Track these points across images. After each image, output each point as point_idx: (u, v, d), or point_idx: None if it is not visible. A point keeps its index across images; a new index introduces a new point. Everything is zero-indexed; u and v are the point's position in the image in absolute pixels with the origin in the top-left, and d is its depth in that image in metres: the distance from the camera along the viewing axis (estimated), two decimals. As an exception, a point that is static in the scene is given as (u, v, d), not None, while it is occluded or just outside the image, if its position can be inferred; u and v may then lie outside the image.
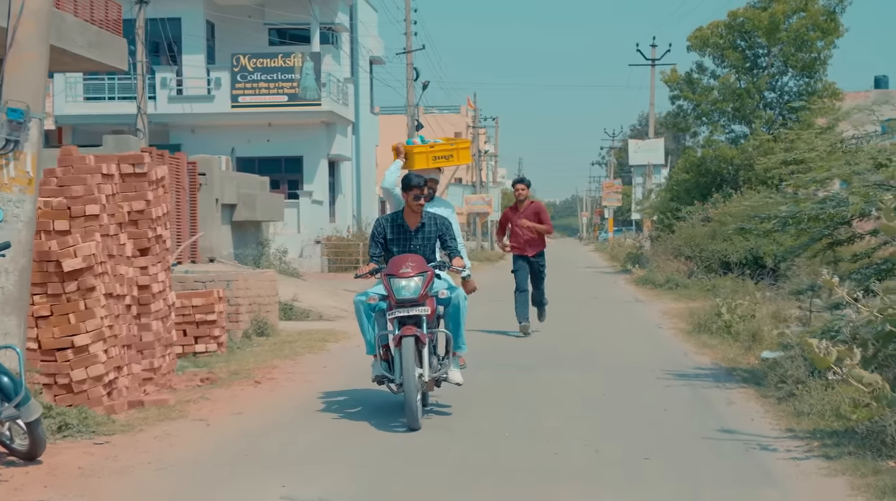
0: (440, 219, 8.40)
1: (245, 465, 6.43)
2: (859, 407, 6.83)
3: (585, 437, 7.32)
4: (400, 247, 8.26)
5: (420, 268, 7.84)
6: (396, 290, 7.74)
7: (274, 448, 6.93)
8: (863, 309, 6.61)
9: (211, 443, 7.10)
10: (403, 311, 7.70)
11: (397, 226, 8.31)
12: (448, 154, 9.19)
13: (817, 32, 30.25)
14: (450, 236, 8.39)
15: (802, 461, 6.45)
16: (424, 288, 7.78)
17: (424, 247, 8.30)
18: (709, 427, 7.59)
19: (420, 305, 7.73)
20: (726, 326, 13.49)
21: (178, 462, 6.50)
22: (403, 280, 7.75)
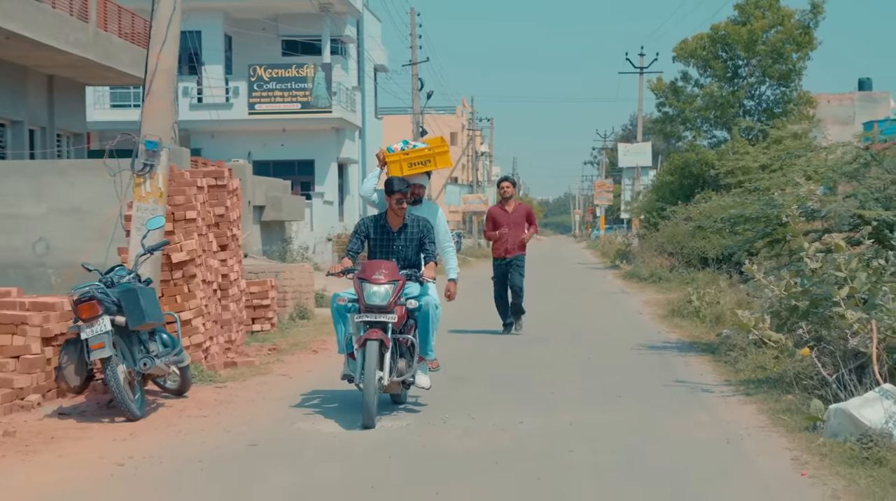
0: (423, 221, 8.63)
1: (325, 403, 8.99)
2: (777, 362, 9.45)
3: (575, 384, 9.91)
4: (382, 247, 8.52)
5: (392, 276, 8.02)
6: (367, 295, 7.93)
7: (343, 389, 9.51)
8: (774, 289, 9.23)
9: (296, 389, 9.66)
10: (371, 316, 7.89)
11: (380, 226, 8.54)
12: (425, 159, 9.08)
13: (793, 46, 32.85)
14: (429, 239, 8.57)
15: (729, 397, 9.05)
16: (394, 296, 7.98)
17: (407, 249, 8.54)
18: (667, 379, 10.19)
19: (388, 312, 7.93)
20: (696, 311, 16.07)
21: (280, 399, 9.07)
22: (375, 286, 7.94)
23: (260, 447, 7.10)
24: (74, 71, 22.88)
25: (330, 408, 8.64)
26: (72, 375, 7.84)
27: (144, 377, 8.28)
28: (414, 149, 9.11)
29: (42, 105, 22.75)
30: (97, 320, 7.70)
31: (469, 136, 64.32)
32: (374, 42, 39.50)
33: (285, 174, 31.83)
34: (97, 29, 21.82)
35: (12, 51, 20.04)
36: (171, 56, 10.19)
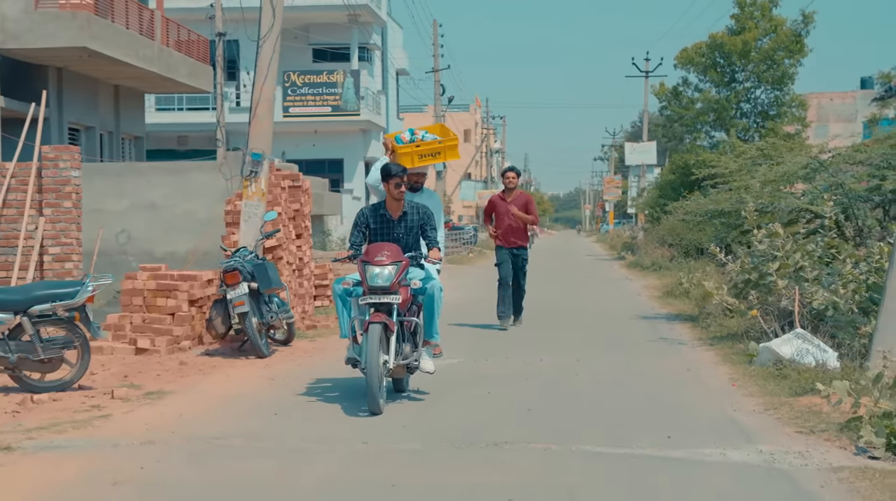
0: (422, 208, 8.62)
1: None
2: (735, 321, 12.52)
3: (580, 339, 12.99)
4: (383, 236, 8.52)
5: (395, 257, 8.05)
6: (370, 277, 7.96)
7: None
8: (732, 266, 12.31)
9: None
10: (375, 298, 7.93)
11: (380, 215, 8.55)
12: (435, 152, 9.24)
13: (785, 52, 35.88)
14: (430, 226, 8.56)
15: (697, 347, 12.13)
16: (398, 276, 7.99)
17: (407, 237, 8.54)
18: (653, 337, 13.27)
19: (392, 293, 7.96)
20: (685, 292, 19.12)
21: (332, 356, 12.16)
22: (377, 267, 7.96)
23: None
24: (139, 82, 26.03)
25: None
26: (219, 325, 10.97)
27: (266, 328, 11.39)
28: (424, 142, 9.21)
29: (109, 112, 25.90)
30: (238, 285, 10.81)
31: (483, 133, 67.39)
32: (397, 47, 42.60)
33: (317, 172, 34.91)
34: (161, 45, 24.97)
35: (89, 66, 23.20)
36: (270, 89, 13.29)
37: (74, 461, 6.40)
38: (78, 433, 7.22)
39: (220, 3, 30.37)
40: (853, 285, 10.74)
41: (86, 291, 8.87)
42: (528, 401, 8.55)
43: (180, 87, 27.62)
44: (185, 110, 36.35)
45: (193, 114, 35.79)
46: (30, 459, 6.46)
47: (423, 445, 6.97)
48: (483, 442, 6.99)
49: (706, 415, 8.06)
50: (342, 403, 8.41)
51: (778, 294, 11.45)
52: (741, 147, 18.64)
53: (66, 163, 13.96)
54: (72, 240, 14.00)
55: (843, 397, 7.42)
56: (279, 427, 7.52)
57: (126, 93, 26.61)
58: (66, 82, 23.50)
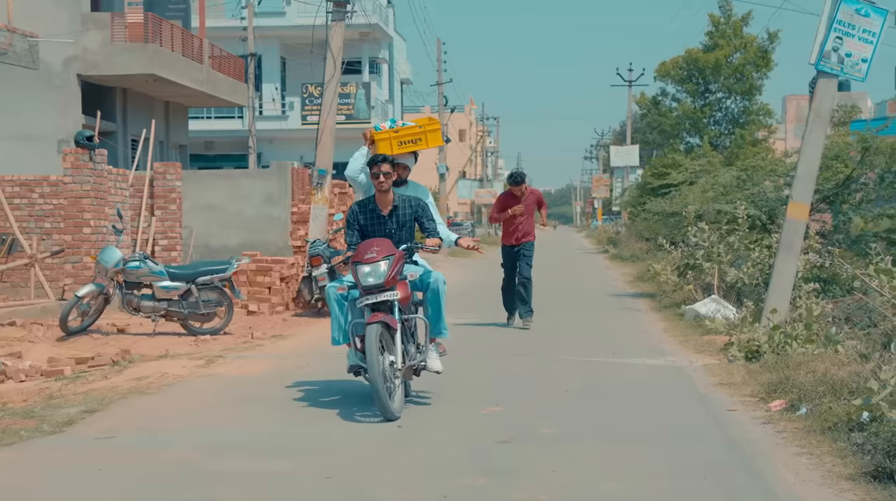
0: (415, 200, 8.29)
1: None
2: (677, 294, 17.28)
3: (564, 307, 17.70)
4: (374, 233, 8.13)
5: (386, 252, 7.69)
6: (362, 277, 7.63)
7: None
8: (674, 254, 17.04)
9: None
10: (372, 298, 7.61)
11: (369, 211, 8.19)
12: (415, 137, 8.77)
13: (753, 67, 40.66)
14: (427, 217, 8.26)
15: (649, 312, 16.88)
16: (392, 271, 7.65)
17: (400, 232, 8.18)
18: (618, 306, 18.00)
19: (388, 290, 7.63)
20: (652, 276, 23.87)
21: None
22: (368, 266, 7.61)
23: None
24: (187, 99, 30.67)
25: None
26: (307, 295, 15.65)
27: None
28: (404, 127, 8.84)
29: (161, 125, 30.52)
30: (321, 266, 15.48)
31: (479, 133, 72.16)
32: (401, 59, 47.32)
33: (331, 174, 39.64)
34: (209, 68, 29.62)
35: (150, 87, 27.84)
36: (332, 119, 17.98)
37: (264, 362, 11.09)
38: (253, 352, 11.93)
39: (252, 27, 35.03)
40: (759, 266, 15.46)
41: (232, 267, 13.57)
42: (523, 343, 13.28)
43: (221, 103, 32.29)
44: (214, 118, 40.95)
45: (220, 122, 40.42)
46: (236, 361, 11.13)
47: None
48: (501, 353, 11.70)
49: (641, 344, 12.81)
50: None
51: (705, 273, 16.21)
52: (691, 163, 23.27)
53: (171, 176, 18.63)
54: (176, 234, 18.66)
55: (722, 330, 12.18)
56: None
57: (174, 108, 31.25)
58: (130, 101, 28.14)
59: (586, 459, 6.58)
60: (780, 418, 7.77)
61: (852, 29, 13.19)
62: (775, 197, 18.64)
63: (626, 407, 8.49)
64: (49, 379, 10.67)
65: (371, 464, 6.43)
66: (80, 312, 13.13)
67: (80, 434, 7.33)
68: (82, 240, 15.66)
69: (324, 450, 6.77)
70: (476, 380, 9.85)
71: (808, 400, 7.88)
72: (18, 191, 16.87)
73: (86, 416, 7.94)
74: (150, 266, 13.39)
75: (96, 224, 15.73)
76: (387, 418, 7.47)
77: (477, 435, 7.26)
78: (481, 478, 6.06)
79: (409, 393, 8.45)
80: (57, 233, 16.51)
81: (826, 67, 13.01)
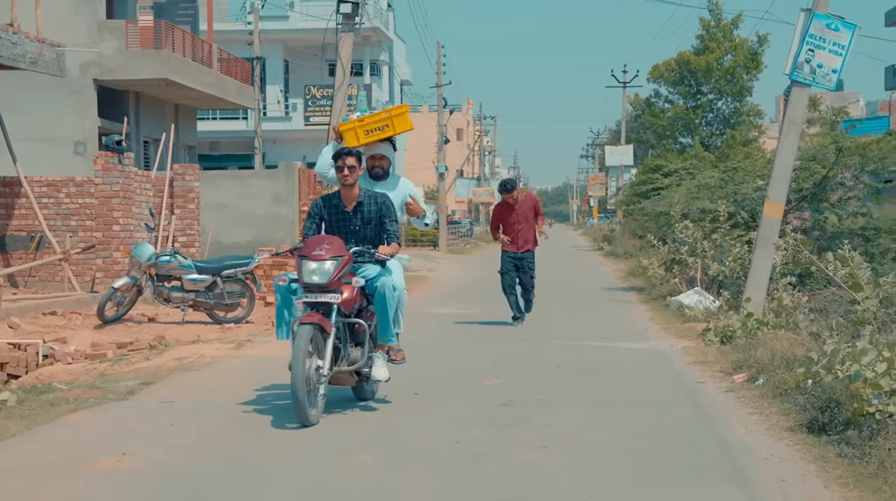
0: (381, 197, 7.97)
1: (420, 311, 18.06)
2: (664, 286, 18.61)
3: (559, 299, 19.02)
4: (337, 230, 7.91)
5: (336, 252, 7.43)
6: (305, 274, 7.42)
7: (445, 300, 18.52)
8: (662, 250, 18.37)
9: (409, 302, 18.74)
10: (312, 297, 7.42)
11: (333, 206, 7.95)
12: (382, 124, 8.36)
13: (743, 69, 41.99)
14: (389, 218, 7.94)
15: (637, 303, 18.22)
16: (337, 273, 7.39)
17: (365, 229, 7.93)
18: (609, 299, 19.34)
19: (330, 292, 7.39)
20: (643, 271, 25.21)
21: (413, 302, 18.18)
22: (314, 263, 7.39)
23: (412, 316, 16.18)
24: (196, 101, 31.95)
25: (441, 302, 17.78)
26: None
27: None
28: (369, 115, 8.44)
29: (171, 126, 31.78)
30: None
31: (477, 133, 73.48)
32: (401, 60, 48.62)
33: (333, 173, 40.91)
34: (217, 72, 30.91)
35: (162, 91, 29.11)
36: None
37: (287, 345, 12.37)
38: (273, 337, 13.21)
39: (258, 31, 36.33)
40: (740, 260, 16.78)
41: (254, 262, 14.87)
42: (520, 330, 14.59)
43: (229, 105, 33.57)
44: (219, 119, 42.24)
45: (225, 123, 41.70)
46: (263, 345, 12.44)
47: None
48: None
49: (628, 331, 14.14)
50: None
51: (689, 267, 17.54)
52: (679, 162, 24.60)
53: (190, 177, 19.93)
54: (194, 231, 19.96)
55: (700, 318, 13.50)
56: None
57: (184, 110, 32.53)
58: (142, 104, 29.41)
59: (574, 418, 7.90)
60: (741, 388, 9.09)
61: (823, 42, 14.46)
62: (757, 196, 19.98)
63: (610, 381, 9.82)
64: (94, 362, 11.99)
65: (396, 420, 7.75)
66: (115, 302, 14.44)
67: (145, 400, 8.64)
68: (112, 237, 16.95)
69: (353, 410, 8.08)
70: (478, 361, 11.17)
71: (766, 373, 9.21)
72: (46, 190, 18.19)
73: (143, 387, 9.25)
74: (180, 260, 14.69)
75: (125, 222, 17.03)
76: (302, 424, 7.20)
77: (482, 400, 8.58)
78: (487, 430, 7.39)
79: (367, 398, 8.29)
80: (82, 230, 17.82)
81: (799, 77, 14.27)
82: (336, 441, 7.08)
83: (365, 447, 6.90)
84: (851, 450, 6.45)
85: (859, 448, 6.41)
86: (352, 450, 6.79)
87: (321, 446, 6.92)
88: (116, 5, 28.51)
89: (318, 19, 41.66)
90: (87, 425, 7.62)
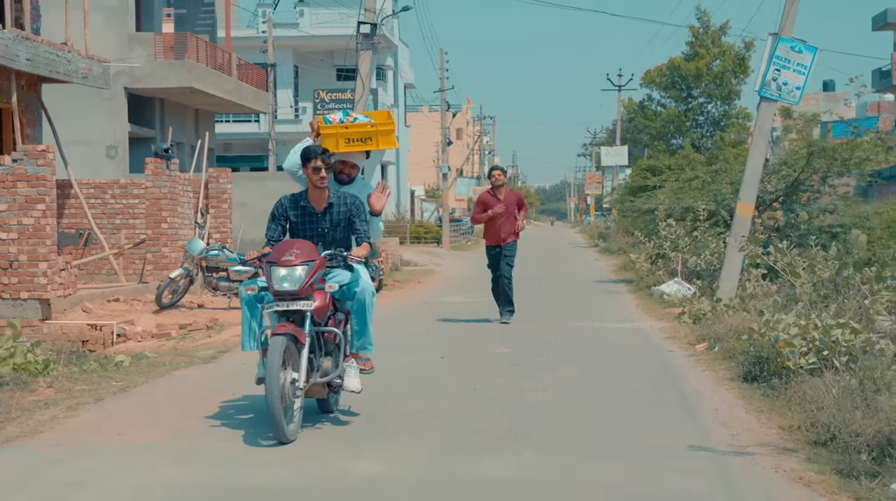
0: (351, 198, 7.70)
1: (435, 299, 20.41)
2: (650, 278, 20.99)
3: (555, 290, 21.36)
4: (305, 231, 7.62)
5: (307, 257, 7.13)
6: (275, 281, 7.07)
7: (454, 290, 20.86)
8: (646, 244, 20.72)
9: (424, 292, 21.10)
10: (282, 305, 7.07)
11: (300, 207, 7.64)
12: (365, 136, 8.07)
13: (731, 74, 44.30)
14: (360, 219, 7.66)
15: (626, 293, 20.58)
16: (309, 278, 7.07)
17: (334, 232, 7.65)
18: (601, 290, 21.68)
19: (302, 299, 7.07)
20: (633, 265, 27.55)
21: (431, 287, 20.52)
22: (284, 268, 7.06)
23: (429, 303, 18.51)
24: (215, 107, 34.27)
25: (440, 300, 20.13)
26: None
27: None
28: (354, 124, 8.12)
29: (192, 130, 34.13)
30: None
31: (476, 133, 75.85)
32: (405, 64, 50.96)
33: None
34: (236, 80, 33.24)
35: (185, 98, 31.42)
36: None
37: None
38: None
39: (272, 39, 38.65)
40: (717, 254, 19.11)
41: (291, 255, 17.21)
42: (521, 311, 16.94)
43: (245, 109, 35.92)
44: (231, 122, 44.56)
45: (238, 125, 44.02)
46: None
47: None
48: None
49: (616, 315, 16.49)
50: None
51: (672, 261, 19.89)
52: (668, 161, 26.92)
53: (223, 180, 22.25)
54: (227, 229, 22.26)
55: (677, 303, 15.85)
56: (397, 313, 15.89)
57: (203, 115, 34.85)
58: (167, 110, 31.74)
59: (567, 373, 10.27)
60: (701, 354, 11.44)
61: (788, 62, 16.76)
62: (735, 197, 22.34)
63: (596, 350, 12.17)
64: (160, 340, 14.32)
65: (429, 373, 10.13)
66: (171, 290, 16.75)
67: (227, 363, 10.97)
68: (160, 234, 19.25)
69: (396, 367, 10.44)
70: (488, 336, 13.53)
71: (721, 342, 11.56)
72: (93, 192, 20.50)
73: (221, 354, 11.58)
74: (227, 254, 17.00)
75: (171, 221, 19.32)
76: (280, 441, 6.89)
77: (494, 361, 10.96)
78: (499, 380, 9.77)
79: (332, 410, 7.99)
80: (125, 228, 20.12)
81: (767, 94, 16.55)
82: (381, 388, 9.43)
83: (406, 388, 9.24)
84: (772, 391, 8.79)
85: (778, 389, 8.75)
86: (397, 390, 9.14)
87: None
88: (144, 18, 30.81)
89: (327, 26, 44.06)
90: (193, 378, 9.97)
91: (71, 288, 15.23)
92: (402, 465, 6.59)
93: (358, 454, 6.83)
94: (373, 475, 6.35)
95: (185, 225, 19.90)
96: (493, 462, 6.65)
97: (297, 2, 46.10)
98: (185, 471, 6.36)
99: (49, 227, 14.47)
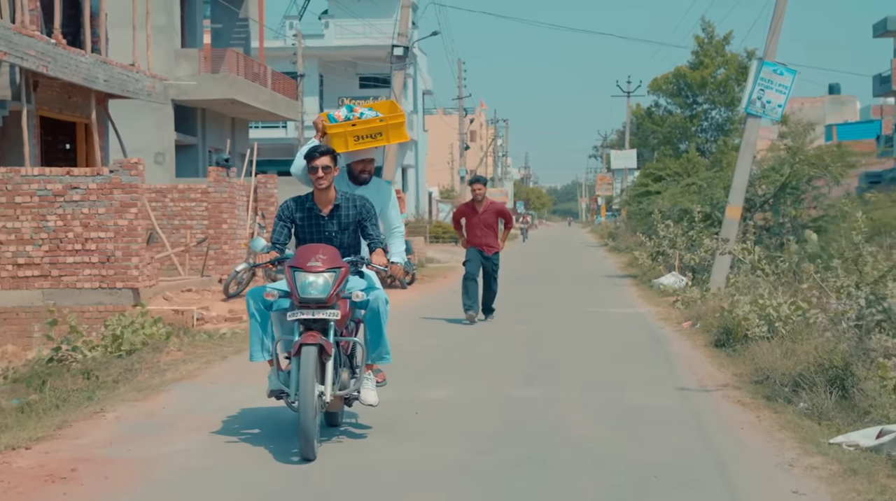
0: (360, 200, 7.39)
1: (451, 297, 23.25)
2: (651, 272, 23.82)
3: (566, 283, 24.17)
4: (311, 235, 7.39)
5: (333, 263, 6.91)
6: (301, 287, 6.82)
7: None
8: (648, 243, 23.54)
9: (451, 284, 23.93)
10: (308, 313, 6.78)
11: (306, 209, 7.39)
12: (375, 131, 7.77)
13: (734, 82, 47.08)
14: (371, 222, 7.35)
15: (630, 286, 23.40)
16: (336, 287, 6.85)
17: (342, 235, 7.37)
18: (608, 284, 24.50)
19: (329, 308, 6.81)
20: (637, 261, 30.35)
21: (454, 284, 23.37)
22: (311, 275, 6.83)
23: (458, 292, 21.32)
24: (251, 115, 37.18)
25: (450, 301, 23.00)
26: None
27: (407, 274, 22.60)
28: (362, 120, 7.82)
29: (229, 137, 37.01)
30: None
31: (491, 136, 78.67)
32: (423, 71, 53.85)
33: (364, 177, 46.10)
34: (271, 91, 36.15)
35: (225, 108, 34.33)
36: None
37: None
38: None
39: (301, 50, 41.58)
40: (710, 251, 21.91)
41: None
42: (537, 300, 19.77)
43: (279, 118, 38.85)
44: (260, 128, 47.48)
45: (265, 131, 46.96)
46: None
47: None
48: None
49: (619, 302, 19.31)
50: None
51: (669, 257, 22.72)
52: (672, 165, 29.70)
53: (271, 185, 25.12)
54: (273, 229, 25.12)
55: (671, 292, 18.68)
56: (417, 306, 18.75)
57: (238, 123, 37.78)
58: (208, 119, 34.66)
59: (578, 343, 13.14)
60: (686, 330, 14.28)
61: (771, 83, 19.52)
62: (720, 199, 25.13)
63: (602, 328, 15.02)
64: (233, 323, 17.17)
65: (471, 338, 13.01)
66: (237, 282, 19.61)
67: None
68: (221, 234, 22.12)
69: (442, 341, 13.26)
70: (509, 318, 16.38)
71: (702, 320, 14.38)
72: (154, 196, 23.37)
73: (296, 330, 14.44)
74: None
75: (230, 222, 22.20)
76: (305, 458, 6.64)
77: (518, 335, 13.85)
78: (521, 348, 12.65)
79: (339, 423, 7.67)
80: (183, 228, 23.00)
81: (752, 111, 19.31)
82: (442, 350, 12.24)
83: (456, 349, 12.10)
84: (734, 353, 11.62)
85: (739, 351, 11.56)
86: (451, 351, 11.99)
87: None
88: (187, 34, 33.72)
89: (350, 36, 47.00)
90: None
91: (154, 279, 18.11)
92: (468, 392, 9.46)
93: (431, 385, 9.70)
94: (446, 397, 9.21)
95: (241, 225, 22.77)
96: (528, 390, 9.58)
97: (322, 13, 49.05)
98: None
99: (140, 228, 17.34)
